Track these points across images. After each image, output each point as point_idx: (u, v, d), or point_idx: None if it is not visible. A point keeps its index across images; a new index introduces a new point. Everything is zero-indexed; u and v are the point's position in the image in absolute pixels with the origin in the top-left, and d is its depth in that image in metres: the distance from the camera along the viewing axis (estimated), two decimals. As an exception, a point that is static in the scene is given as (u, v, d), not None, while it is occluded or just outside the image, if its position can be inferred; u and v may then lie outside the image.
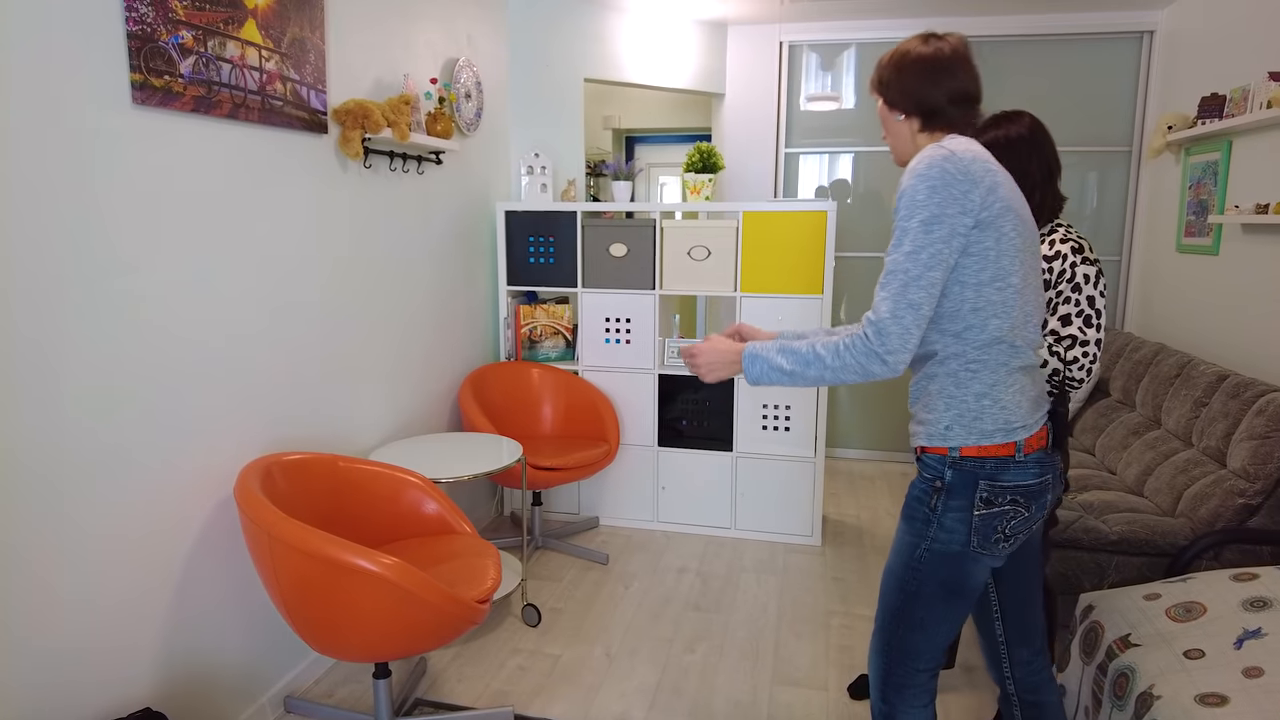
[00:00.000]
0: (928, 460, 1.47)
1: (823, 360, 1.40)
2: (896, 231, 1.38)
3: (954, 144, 1.39)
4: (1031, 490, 1.42)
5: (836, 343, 1.40)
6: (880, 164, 4.58)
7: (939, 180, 1.34)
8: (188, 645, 2.00)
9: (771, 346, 1.46)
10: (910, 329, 1.35)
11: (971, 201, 1.35)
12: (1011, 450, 1.40)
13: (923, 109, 1.47)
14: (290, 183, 2.27)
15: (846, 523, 3.81)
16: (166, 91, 1.82)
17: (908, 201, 1.36)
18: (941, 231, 1.34)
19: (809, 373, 1.42)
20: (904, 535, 1.51)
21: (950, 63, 1.45)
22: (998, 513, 1.41)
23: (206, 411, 2.01)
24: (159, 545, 1.90)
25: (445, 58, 3.16)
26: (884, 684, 1.54)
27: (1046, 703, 1.62)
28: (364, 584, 1.77)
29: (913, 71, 1.47)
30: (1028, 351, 1.42)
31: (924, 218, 1.34)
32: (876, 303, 1.38)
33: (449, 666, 2.55)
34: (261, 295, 2.18)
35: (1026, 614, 1.63)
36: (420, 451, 2.72)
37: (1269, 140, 3.13)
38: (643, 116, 6.19)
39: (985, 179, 1.36)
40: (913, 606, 1.48)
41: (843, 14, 4.29)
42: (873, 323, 1.37)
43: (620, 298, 3.55)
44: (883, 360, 1.36)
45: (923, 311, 1.36)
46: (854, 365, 1.38)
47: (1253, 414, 2.58)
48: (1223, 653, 1.49)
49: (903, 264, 1.35)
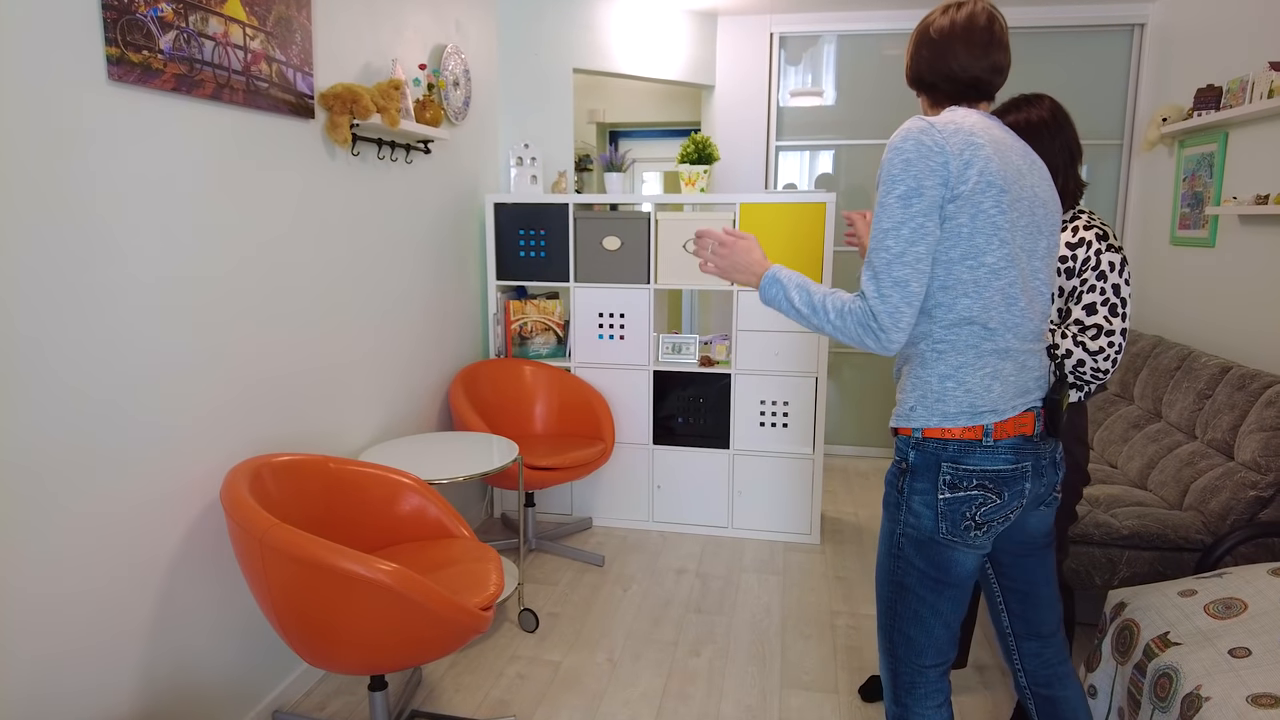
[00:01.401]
0: (898, 442, 1.45)
1: (827, 314, 1.38)
2: (877, 207, 1.35)
3: (942, 116, 1.36)
4: (1002, 476, 1.36)
5: (843, 302, 1.37)
6: (867, 159, 4.53)
7: (913, 152, 1.31)
8: (172, 657, 1.88)
9: (793, 279, 1.43)
10: (900, 307, 1.32)
11: (947, 173, 1.30)
12: (978, 434, 1.35)
13: (920, 83, 1.47)
14: (276, 170, 2.15)
15: (845, 520, 3.75)
16: (145, 68, 1.70)
17: (885, 175, 1.34)
18: (921, 205, 1.30)
19: (813, 320, 1.40)
20: (884, 523, 1.48)
21: (949, 37, 1.41)
22: (964, 497, 1.36)
23: (189, 410, 1.89)
24: (140, 553, 1.78)
25: (434, 44, 3.05)
26: (894, 685, 1.49)
27: (1061, 697, 1.57)
28: (363, 592, 1.67)
29: (915, 45, 1.47)
30: (1006, 335, 1.35)
31: (901, 192, 1.31)
32: (862, 281, 1.36)
33: (446, 676, 2.45)
34: (245, 288, 2.06)
35: (1033, 606, 1.58)
36: (412, 452, 2.62)
37: (1268, 131, 3.11)
38: (627, 111, 6.11)
39: (964, 152, 1.30)
40: (903, 598, 1.45)
41: (833, 5, 4.23)
42: (864, 300, 1.35)
43: (614, 292, 3.46)
44: (875, 335, 1.34)
45: (911, 288, 1.32)
46: (851, 331, 1.36)
47: (1261, 405, 2.55)
48: (1270, 651, 1.44)
49: (884, 241, 1.32)
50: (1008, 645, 1.63)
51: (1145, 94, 4.18)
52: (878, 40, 4.42)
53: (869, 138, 4.51)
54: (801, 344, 3.34)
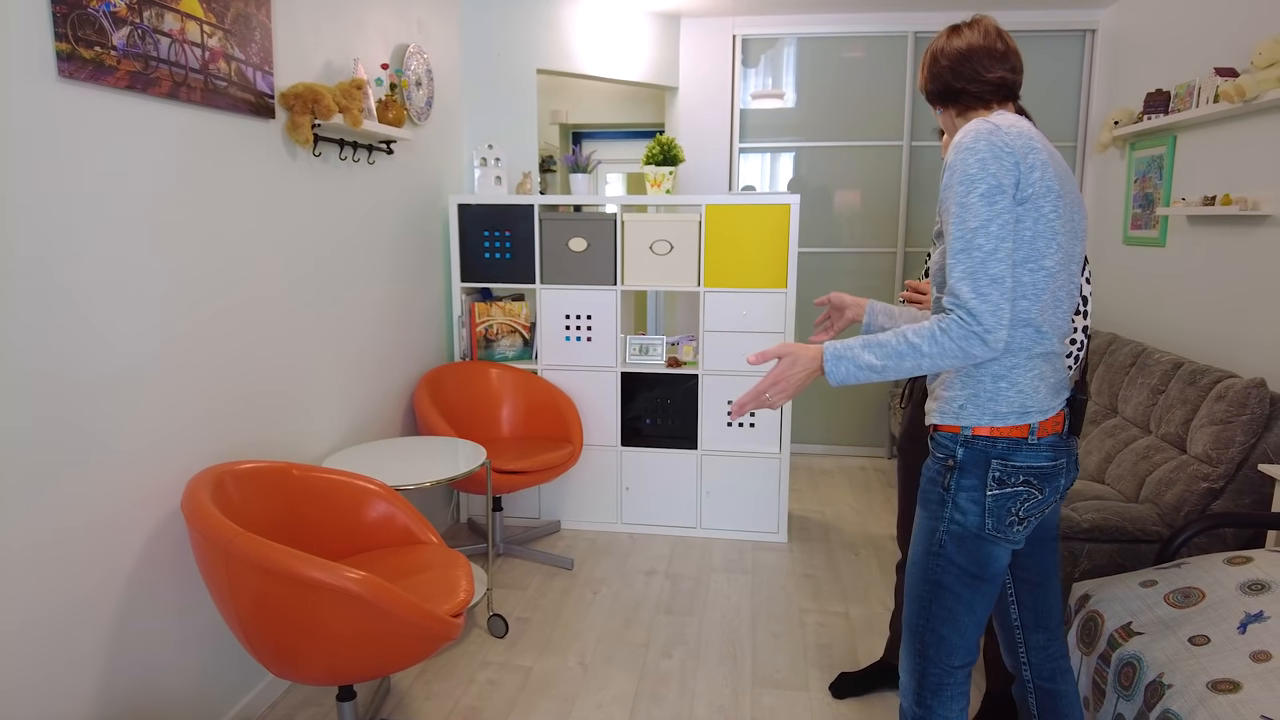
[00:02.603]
0: (940, 439, 1.45)
1: (919, 349, 1.34)
2: (955, 208, 1.34)
3: (1000, 118, 1.37)
4: (1044, 472, 1.40)
5: (931, 328, 1.34)
6: (827, 161, 4.58)
7: (987, 152, 1.32)
8: (131, 674, 1.82)
9: (855, 344, 1.39)
10: (999, 305, 1.30)
11: (1018, 175, 1.32)
12: (1025, 432, 1.38)
13: (946, 95, 1.49)
14: (235, 170, 2.10)
15: (811, 518, 3.78)
16: (98, 65, 1.65)
17: (960, 176, 1.33)
18: (1004, 202, 1.32)
19: (904, 364, 1.35)
20: (923, 521, 1.47)
21: (966, 53, 1.45)
22: (1010, 493, 1.39)
23: (146, 418, 1.84)
24: (97, 564, 1.72)
25: (396, 43, 3.00)
26: (919, 688, 1.49)
27: (1062, 691, 1.60)
28: (331, 601, 1.63)
29: (932, 64, 1.50)
30: (1053, 338, 1.39)
31: (983, 190, 1.31)
32: (953, 284, 1.33)
33: (415, 684, 2.41)
34: (204, 291, 2.01)
35: (1042, 598, 1.61)
36: (377, 457, 2.57)
37: (1213, 134, 3.21)
38: (591, 112, 6.09)
39: (1028, 155, 1.34)
40: (940, 596, 1.45)
41: (795, 8, 4.27)
42: (959, 305, 1.32)
43: (581, 294, 3.45)
44: (983, 340, 1.31)
45: (1006, 284, 1.31)
46: (953, 350, 1.32)
47: (1212, 399, 2.63)
48: (1228, 638, 1.48)
49: (974, 240, 1.31)
50: (1013, 639, 1.65)
51: (1098, 98, 4.29)
52: (837, 43, 4.47)
53: (829, 139, 4.56)
54: (768, 343, 3.36)
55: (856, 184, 4.60)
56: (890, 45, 4.43)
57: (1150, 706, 1.46)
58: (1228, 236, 3.10)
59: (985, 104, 1.47)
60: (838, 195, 4.62)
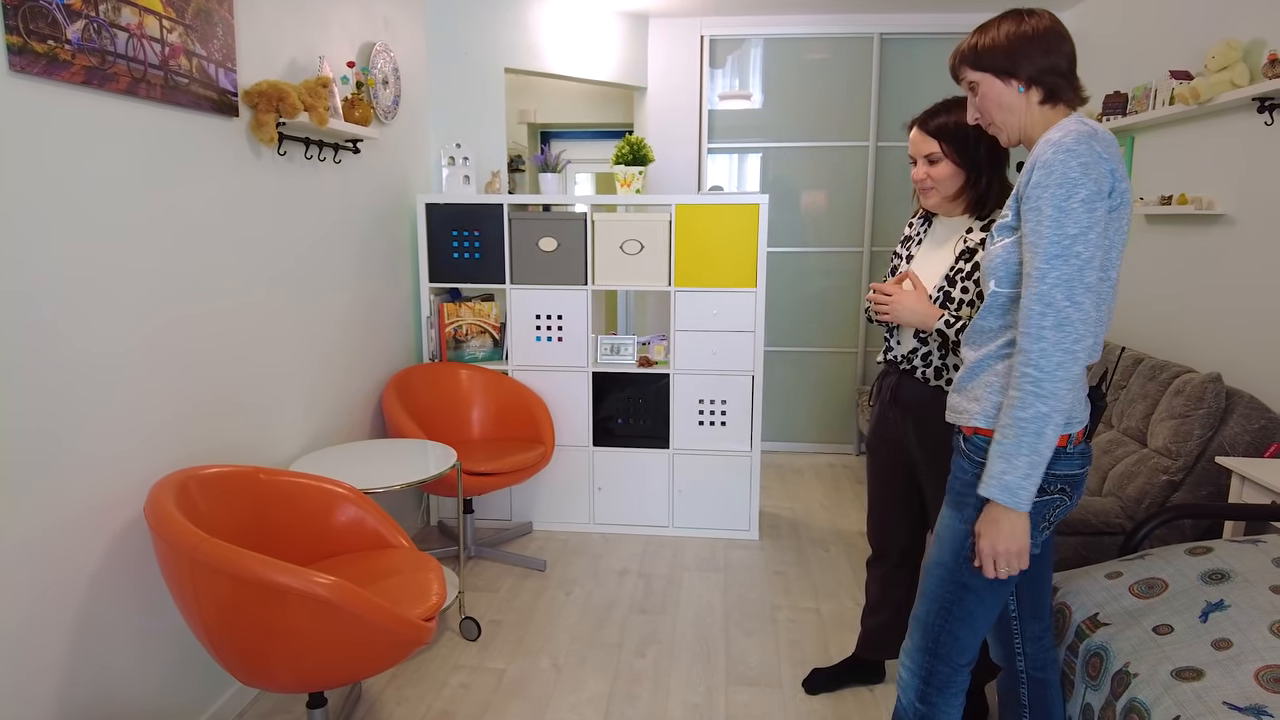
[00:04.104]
0: (979, 442, 1.41)
1: (1030, 422, 1.27)
2: (1053, 211, 1.28)
3: (1092, 122, 1.34)
4: (1075, 479, 1.41)
5: (1024, 389, 1.28)
6: (794, 161, 4.61)
7: (1089, 157, 1.27)
8: (92, 683, 1.77)
9: (994, 462, 1.32)
10: (1091, 313, 1.27)
11: (1112, 182, 1.30)
12: (1065, 441, 1.37)
13: (1045, 81, 1.39)
14: (198, 169, 2.06)
15: (781, 515, 3.80)
16: (51, 59, 1.60)
17: (1060, 178, 1.27)
18: (1103, 209, 1.28)
19: (1044, 446, 1.28)
20: (954, 525, 1.45)
21: (1060, 35, 1.40)
22: (1048, 501, 1.39)
23: (107, 422, 1.79)
24: (56, 573, 1.67)
25: (361, 41, 2.96)
26: (925, 685, 1.50)
27: (1051, 681, 1.63)
28: (300, 607, 1.60)
29: (1028, 41, 1.39)
30: (1097, 348, 1.38)
31: (1084, 195, 1.26)
32: (1046, 290, 1.27)
33: (387, 689, 2.38)
34: (166, 292, 1.97)
35: (1037, 587, 1.63)
36: (345, 460, 2.54)
37: (1169, 136, 3.29)
38: (559, 111, 6.07)
39: (1117, 166, 1.31)
40: (964, 599, 1.44)
41: (761, 9, 4.30)
42: (1046, 316, 1.27)
43: (551, 294, 3.44)
44: (1076, 357, 1.26)
45: (1096, 294, 1.28)
46: (1059, 392, 1.27)
47: (1171, 394, 2.69)
48: (1191, 627, 1.52)
49: (1073, 247, 1.26)
50: (1009, 630, 1.66)
51: (1057, 99, 4.36)
52: (803, 44, 4.51)
53: (795, 140, 4.59)
54: (738, 343, 3.37)
55: (823, 184, 4.63)
56: (856, 46, 4.48)
57: (1117, 696, 1.49)
58: (1184, 235, 3.18)
59: (1065, 98, 1.41)
60: (805, 195, 4.66)
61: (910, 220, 2.14)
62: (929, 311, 1.87)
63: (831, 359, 4.78)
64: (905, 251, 2.08)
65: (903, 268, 2.06)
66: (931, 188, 1.93)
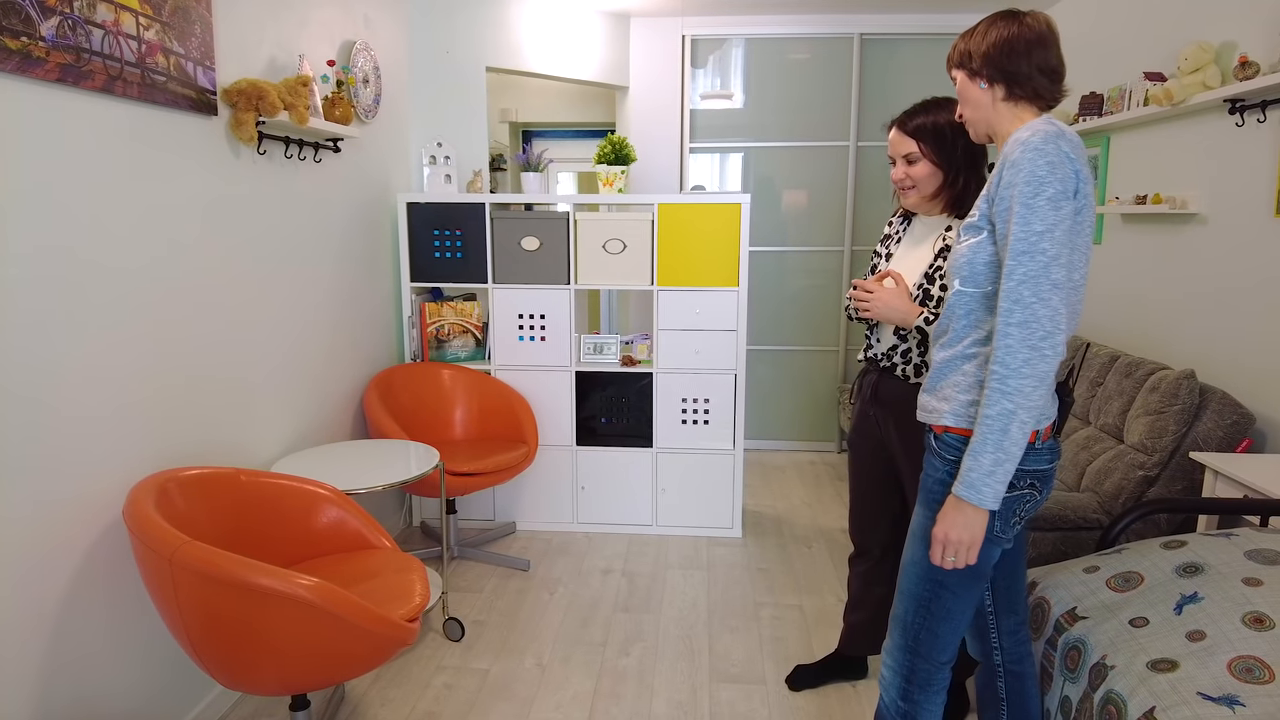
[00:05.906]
0: (950, 440, 1.44)
1: (995, 419, 1.30)
2: (1020, 208, 1.30)
3: (1059, 123, 1.36)
4: (1044, 475, 1.43)
5: (991, 387, 1.30)
6: (776, 161, 4.63)
7: (1055, 157, 1.30)
8: (70, 689, 1.75)
9: (964, 465, 1.35)
10: (1058, 309, 1.29)
11: (1077, 183, 1.32)
12: (1033, 438, 1.39)
13: (1005, 78, 1.43)
14: (176, 168, 2.04)
15: (764, 513, 3.82)
16: (25, 56, 1.58)
17: (1028, 176, 1.30)
18: (1069, 208, 1.30)
19: (1009, 443, 1.30)
20: (927, 523, 1.47)
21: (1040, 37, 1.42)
22: (1018, 496, 1.41)
23: (84, 424, 1.77)
24: (33, 578, 1.65)
25: (342, 40, 2.95)
26: (907, 683, 1.51)
27: (1027, 673, 1.65)
28: (282, 609, 1.60)
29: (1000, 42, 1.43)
30: (1065, 346, 1.39)
31: (1051, 194, 1.29)
32: (1013, 287, 1.30)
33: (370, 690, 2.37)
34: (145, 292, 1.95)
35: (1012, 580, 1.65)
36: (327, 461, 2.52)
37: (1144, 136, 3.34)
38: (541, 110, 6.06)
39: (1083, 168, 1.34)
40: (940, 596, 1.46)
41: (743, 9, 4.31)
42: (1014, 314, 1.29)
43: (534, 293, 3.43)
44: (1043, 354, 1.28)
45: (1064, 290, 1.30)
46: (1025, 388, 1.28)
47: (1146, 391, 2.73)
48: (1166, 619, 1.54)
49: (1039, 244, 1.28)
50: (986, 625, 1.68)
51: (1034, 100, 4.41)
52: (784, 44, 4.53)
53: (777, 140, 4.61)
54: (721, 342, 3.39)
55: (804, 184, 4.66)
56: (837, 46, 4.50)
57: (1095, 687, 1.52)
58: (1159, 234, 3.23)
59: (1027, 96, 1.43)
60: (786, 195, 4.68)
61: (890, 219, 2.16)
62: (909, 309, 1.88)
63: (813, 357, 4.80)
64: (885, 250, 2.10)
65: (883, 266, 2.08)
66: (910, 187, 1.95)
